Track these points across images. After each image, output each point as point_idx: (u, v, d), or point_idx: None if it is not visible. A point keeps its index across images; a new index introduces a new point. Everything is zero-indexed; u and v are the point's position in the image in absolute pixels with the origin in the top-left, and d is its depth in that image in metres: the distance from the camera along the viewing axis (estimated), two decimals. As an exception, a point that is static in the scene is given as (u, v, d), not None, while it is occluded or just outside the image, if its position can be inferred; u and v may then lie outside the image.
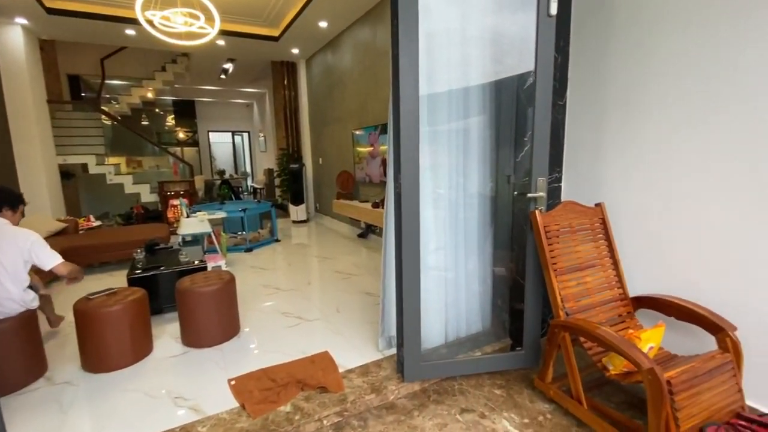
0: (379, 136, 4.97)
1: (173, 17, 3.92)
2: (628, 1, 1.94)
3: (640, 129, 1.95)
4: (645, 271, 2.00)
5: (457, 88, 2.13)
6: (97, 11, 5.06)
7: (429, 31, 1.93)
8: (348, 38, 5.63)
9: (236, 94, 11.94)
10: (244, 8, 5.25)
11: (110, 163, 7.58)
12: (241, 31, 5.90)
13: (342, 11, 5.04)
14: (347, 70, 5.76)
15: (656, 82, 1.86)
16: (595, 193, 2.20)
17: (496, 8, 2.05)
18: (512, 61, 2.14)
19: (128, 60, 8.14)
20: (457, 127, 2.20)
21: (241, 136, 14.45)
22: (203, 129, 13.18)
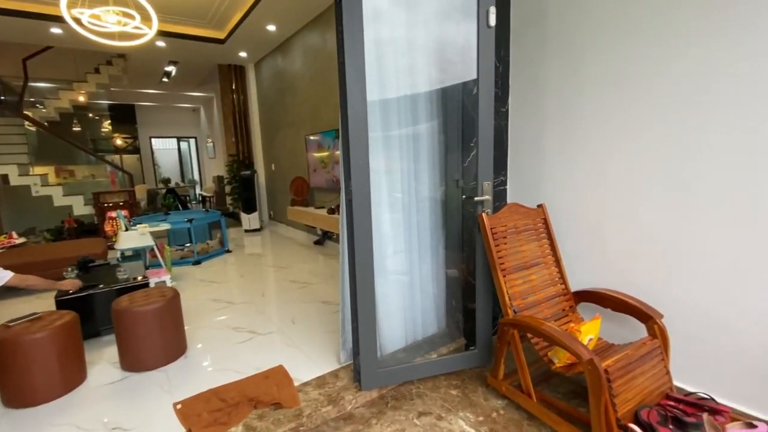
0: (334, 140, 4.94)
1: (104, 16, 3.65)
2: (559, 14, 2.07)
3: (577, 133, 2.09)
4: (584, 267, 2.13)
5: (407, 95, 2.16)
6: (16, 7, 4.60)
7: (378, 38, 1.95)
8: (298, 42, 5.55)
9: (181, 98, 11.35)
10: (185, 9, 5.01)
11: (36, 173, 6.90)
12: (184, 32, 5.63)
13: (290, 15, 4.96)
14: (298, 74, 5.68)
15: (589, 90, 2.00)
16: (537, 195, 2.32)
17: (442, 18, 2.11)
18: (458, 69, 2.21)
19: (55, 61, 7.46)
20: (407, 132, 2.23)
21: (188, 142, 13.75)
22: (145, 135, 12.37)
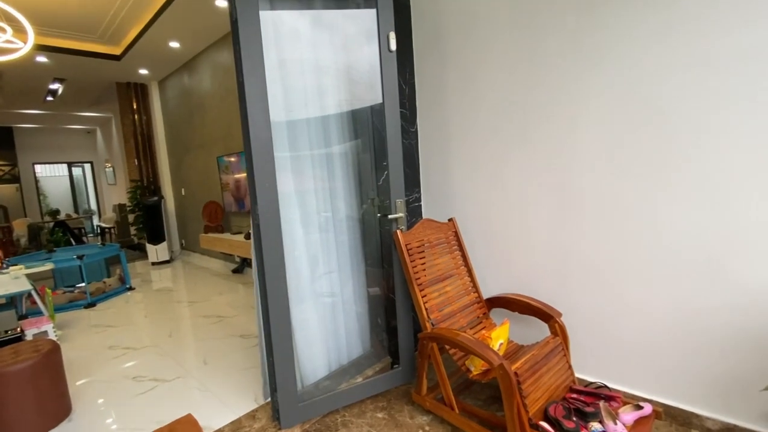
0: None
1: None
2: (453, 39, 2.23)
3: (476, 149, 2.24)
4: (494, 275, 2.26)
5: (317, 116, 2.14)
6: None
7: (282, 59, 1.91)
8: (206, 60, 5.28)
9: (72, 119, 10.05)
10: (71, 22, 4.48)
11: None
12: (70, 47, 5.02)
13: (194, 33, 4.71)
14: (208, 93, 5.38)
15: (482, 108, 2.16)
16: (449, 209, 2.43)
17: (349, 42, 2.14)
18: (367, 92, 2.25)
19: None
20: (320, 152, 2.20)
21: (82, 167, 12.20)
22: (26, 161, 10.71)
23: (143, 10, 4.24)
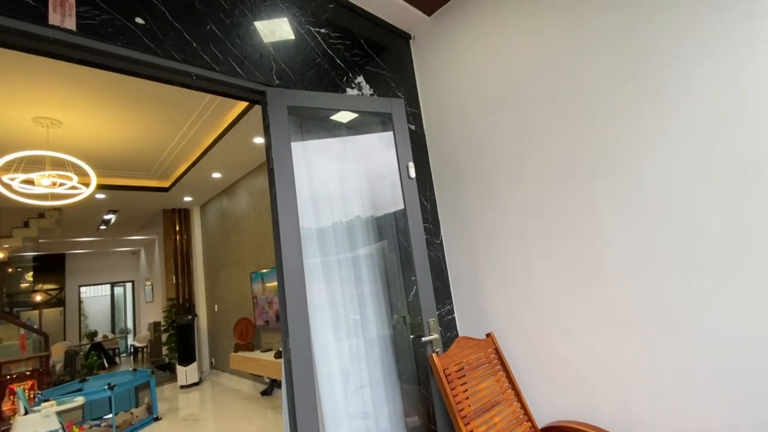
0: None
1: (39, 180, 3.63)
2: (468, 158, 2.39)
3: (504, 262, 2.21)
4: (545, 396, 2.04)
5: (342, 222, 2.24)
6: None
7: (309, 173, 2.08)
8: (243, 186, 5.82)
9: (120, 242, 10.93)
10: (130, 164, 5.18)
11: None
12: (126, 184, 5.71)
13: (235, 165, 5.30)
14: (244, 214, 5.80)
15: (505, 222, 2.20)
16: (484, 323, 2.31)
17: (367, 151, 2.34)
18: (389, 198, 2.38)
19: (-22, 218, 7.06)
20: (346, 257, 2.24)
21: (123, 287, 12.78)
22: (73, 285, 11.38)
23: (193, 150, 4.88)
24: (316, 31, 2.14)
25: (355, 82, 2.29)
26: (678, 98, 1.60)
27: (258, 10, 1.88)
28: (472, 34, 2.37)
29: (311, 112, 2.03)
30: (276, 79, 1.88)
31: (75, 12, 1.32)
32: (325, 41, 2.16)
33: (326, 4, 2.22)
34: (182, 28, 1.58)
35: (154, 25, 1.50)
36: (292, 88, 1.92)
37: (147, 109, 3.79)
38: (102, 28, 1.37)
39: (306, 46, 2.06)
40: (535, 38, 2.07)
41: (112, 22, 1.40)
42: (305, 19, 2.09)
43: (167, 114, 3.95)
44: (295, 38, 2.02)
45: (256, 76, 1.81)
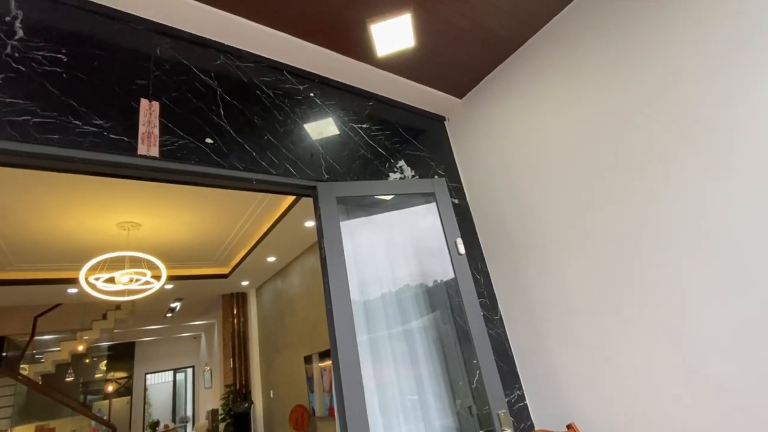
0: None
1: (119, 278, 4.01)
2: (520, 236, 2.33)
3: (575, 334, 2.02)
4: (653, 505, 1.69)
5: (391, 293, 2.19)
6: (41, 277, 5.10)
7: (356, 246, 2.11)
8: (296, 267, 6.03)
9: (183, 328, 11.44)
10: (193, 255, 5.61)
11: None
12: (191, 274, 6.14)
13: (288, 248, 5.56)
14: (297, 295, 5.92)
15: (567, 292, 2.05)
16: (561, 408, 2.05)
17: (413, 219, 2.36)
18: (438, 267, 2.32)
19: (64, 313, 7.80)
20: (398, 331, 2.15)
21: (185, 372, 13.06)
22: (140, 373, 11.84)
23: (250, 238, 5.22)
24: (359, 126, 2.33)
25: (396, 167, 2.41)
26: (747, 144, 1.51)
27: (307, 116, 2.12)
28: (507, 110, 2.47)
29: (358, 198, 2.13)
30: (325, 174, 2.03)
31: (158, 141, 1.55)
32: (366, 134, 2.35)
33: (366, 103, 2.45)
34: (244, 141, 1.80)
35: (220, 142, 1.73)
36: (340, 180, 2.06)
37: (211, 207, 4.20)
38: (179, 151, 1.60)
39: (350, 141, 2.24)
40: (572, 106, 2.11)
41: (187, 146, 1.63)
42: (348, 117, 2.31)
43: (228, 209, 4.33)
44: (341, 135, 2.21)
45: (308, 173, 1.97)
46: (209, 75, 1.83)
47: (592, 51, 2.03)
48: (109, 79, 1.54)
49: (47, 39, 1.47)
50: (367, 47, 2.18)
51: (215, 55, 1.91)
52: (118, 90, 1.55)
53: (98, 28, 1.60)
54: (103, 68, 1.54)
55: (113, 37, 1.63)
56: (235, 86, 1.90)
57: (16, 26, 1.43)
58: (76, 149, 1.39)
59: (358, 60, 2.28)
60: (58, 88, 1.42)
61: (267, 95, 2.00)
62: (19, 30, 1.43)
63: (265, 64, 2.07)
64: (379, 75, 2.40)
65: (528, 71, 2.35)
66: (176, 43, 1.79)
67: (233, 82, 1.91)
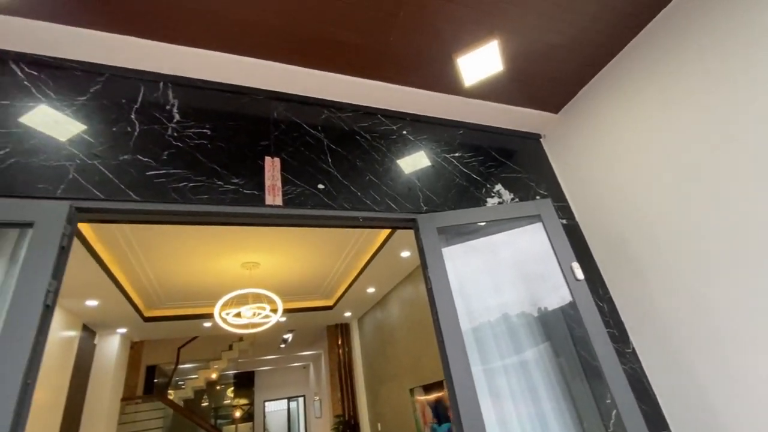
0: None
1: (244, 311, 4.53)
2: (648, 257, 2.06)
3: (738, 371, 1.67)
4: None
5: (500, 320, 2.07)
6: (183, 313, 6.01)
7: (459, 273, 2.06)
8: (394, 297, 6.13)
9: (293, 358, 12.28)
10: (302, 288, 6.09)
11: (161, 458, 7.15)
12: (300, 306, 6.64)
13: (386, 278, 5.71)
14: (397, 325, 5.98)
15: (719, 321, 1.72)
16: (733, 464, 1.68)
17: (519, 240, 2.24)
18: (551, 298, 2.14)
19: (200, 345, 8.99)
20: (518, 385, 2.00)
21: (297, 401, 13.87)
22: (260, 400, 12.90)
23: (351, 270, 5.50)
24: (451, 156, 2.36)
25: (493, 191, 2.36)
26: None
27: (402, 153, 2.22)
28: (611, 119, 2.28)
29: (458, 226, 2.13)
30: (423, 205, 2.08)
31: (281, 192, 1.77)
32: (459, 162, 2.36)
33: (456, 132, 2.48)
34: (349, 183, 1.95)
35: (330, 186, 1.90)
36: (438, 211, 2.09)
37: (316, 244, 4.56)
38: (297, 199, 1.80)
39: (444, 171, 2.28)
40: (687, 104, 1.86)
41: (303, 193, 1.83)
42: (440, 149, 2.36)
43: (331, 245, 4.66)
44: (434, 167, 2.26)
45: (407, 207, 2.04)
46: (317, 128, 2.06)
47: (704, 45, 1.79)
48: (241, 143, 1.83)
49: (195, 118, 1.82)
50: (453, 80, 2.23)
51: (320, 110, 2.14)
52: (248, 152, 1.82)
53: (230, 104, 1.93)
54: (236, 135, 1.84)
55: (241, 109, 1.95)
56: (338, 135, 2.10)
57: (173, 112, 1.80)
58: (221, 205, 1.65)
59: (446, 93, 2.34)
60: (205, 156, 1.73)
61: (365, 139, 2.16)
62: (176, 114, 1.80)
63: (362, 111, 2.25)
64: (468, 104, 2.43)
65: (631, 76, 2.15)
66: (288, 106, 2.06)
67: (336, 132, 2.11)
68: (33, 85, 1.62)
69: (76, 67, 1.72)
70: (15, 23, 1.58)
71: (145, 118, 1.71)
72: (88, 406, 5.53)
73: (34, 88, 1.62)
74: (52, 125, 1.56)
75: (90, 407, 5.54)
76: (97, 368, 5.81)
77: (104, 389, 5.74)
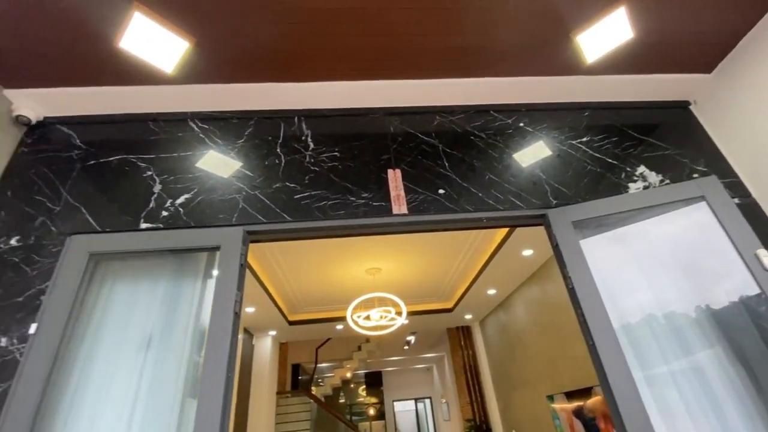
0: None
1: (373, 314, 4.84)
2: None
3: None
4: None
5: (658, 317, 1.78)
6: (318, 317, 6.69)
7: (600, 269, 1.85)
8: (518, 299, 5.82)
9: (416, 360, 12.56)
10: (421, 291, 6.21)
11: (310, 447, 7.99)
12: (420, 309, 6.78)
13: (507, 279, 5.46)
14: (524, 328, 5.66)
15: None
16: None
17: (671, 232, 1.91)
18: (719, 290, 1.77)
19: (333, 346, 9.85)
20: (693, 395, 1.70)
21: (424, 402, 14.11)
22: (389, 399, 13.49)
23: (469, 272, 5.42)
24: (578, 142, 2.17)
25: (636, 175, 2.08)
26: None
27: (520, 146, 2.12)
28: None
29: (598, 219, 1.93)
30: (552, 199, 1.95)
31: (405, 201, 1.86)
32: (589, 147, 2.15)
33: (580, 115, 2.27)
34: (469, 185, 1.95)
35: (450, 190, 1.92)
36: (571, 203, 1.93)
37: (432, 247, 4.63)
38: (420, 206, 1.86)
39: (572, 160, 2.10)
40: None
41: (425, 199, 1.88)
42: (564, 136, 2.18)
43: (447, 247, 4.67)
44: (560, 156, 2.10)
45: (534, 202, 1.93)
46: (430, 136, 2.11)
47: None
48: (365, 160, 1.98)
49: (326, 144, 2.03)
50: (572, 59, 2.05)
51: (431, 117, 2.19)
52: (372, 167, 1.97)
53: (353, 126, 2.11)
54: (361, 154, 2.00)
55: (362, 128, 2.11)
56: (451, 139, 2.11)
57: (308, 141, 2.05)
58: (355, 218, 1.81)
59: (564, 75, 2.17)
60: (337, 176, 1.92)
61: (480, 138, 2.13)
62: (310, 143, 2.04)
63: (473, 111, 2.23)
64: (592, 82, 2.21)
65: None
66: (403, 118, 2.16)
67: (450, 136, 2.12)
68: (206, 136, 2.02)
69: (233, 116, 2.09)
70: (191, 89, 2.00)
71: (287, 150, 1.98)
72: (253, 399, 6.52)
73: (207, 138, 2.01)
74: (222, 166, 1.92)
75: (254, 400, 6.53)
76: (256, 366, 6.83)
77: (263, 384, 6.71)
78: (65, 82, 1.89)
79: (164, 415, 1.46)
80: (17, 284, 1.55)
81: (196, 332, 1.60)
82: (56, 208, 1.74)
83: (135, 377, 1.49)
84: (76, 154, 1.90)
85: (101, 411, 1.43)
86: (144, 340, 1.58)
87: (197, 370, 1.52)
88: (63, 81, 1.89)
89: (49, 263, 1.59)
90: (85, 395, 1.44)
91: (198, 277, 1.74)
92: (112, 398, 1.44)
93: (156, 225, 1.72)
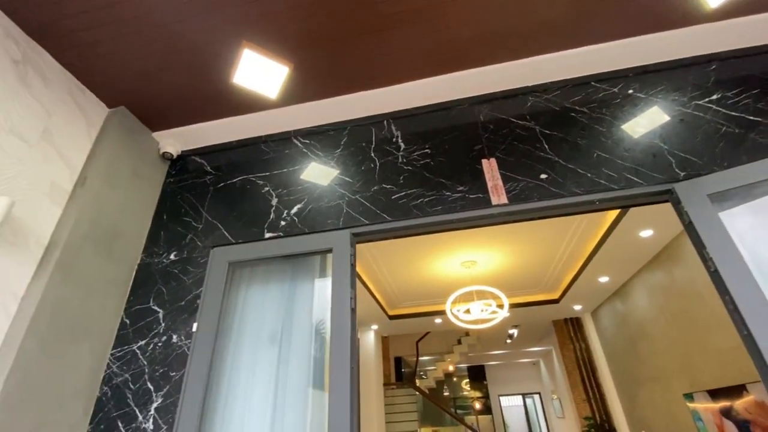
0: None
1: (473, 309, 4.77)
2: None
3: None
4: None
5: None
6: (417, 311, 6.81)
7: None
8: (637, 285, 5.20)
9: (521, 354, 11.98)
10: (522, 283, 5.91)
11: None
12: (522, 301, 6.46)
13: (623, 264, 4.91)
14: (648, 319, 5.03)
15: None
16: None
17: None
18: None
19: (433, 339, 9.93)
20: None
21: (532, 398, 13.41)
22: (494, 393, 13.13)
23: (576, 260, 5.01)
24: (705, 102, 1.86)
25: (791, 130, 1.71)
26: None
27: (632, 116, 1.90)
28: None
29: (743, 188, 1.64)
30: (679, 171, 1.71)
31: (504, 190, 1.81)
32: (721, 106, 1.83)
33: (705, 69, 1.94)
34: (575, 166, 1.81)
35: (553, 174, 1.81)
36: (704, 173, 1.67)
37: (530, 235, 4.38)
38: (522, 194, 1.79)
39: (700, 123, 1.81)
40: None
41: (526, 186, 1.80)
42: (687, 97, 1.89)
43: (548, 234, 4.37)
44: (684, 120, 1.83)
45: (655, 177, 1.72)
46: (525, 118, 2.01)
47: None
48: (457, 153, 1.97)
49: (416, 142, 2.07)
50: (690, 7, 1.77)
51: (524, 99, 2.08)
52: (465, 159, 1.95)
53: (441, 120, 2.11)
54: (452, 147, 2.00)
55: (451, 121, 2.10)
56: (549, 119, 1.98)
57: (399, 142, 2.11)
58: (452, 213, 1.82)
59: (681, 27, 1.88)
60: (431, 173, 1.95)
61: (582, 113, 1.96)
62: (401, 143, 2.09)
63: (570, 85, 2.06)
64: (719, 29, 1.88)
65: None
66: (492, 105, 2.09)
67: (547, 116, 2.00)
68: (308, 150, 2.21)
69: (329, 129, 2.25)
70: (292, 110, 2.20)
71: (380, 154, 2.07)
72: (363, 391, 6.92)
73: (309, 152, 2.20)
74: (325, 176, 2.09)
75: (364, 391, 6.92)
76: (362, 359, 7.22)
77: (370, 376, 7.07)
78: (195, 119, 2.24)
79: (298, 402, 1.65)
80: (179, 291, 1.90)
81: (312, 328, 1.77)
82: (199, 225, 2.07)
83: (273, 367, 1.71)
84: (209, 179, 2.24)
85: (251, 393, 1.67)
86: (275, 335, 1.80)
87: (315, 363, 1.68)
88: (193, 118, 2.23)
89: (200, 272, 1.91)
90: (238, 380, 1.70)
91: (312, 278, 1.92)
92: (257, 383, 1.68)
93: (277, 234, 1.94)
